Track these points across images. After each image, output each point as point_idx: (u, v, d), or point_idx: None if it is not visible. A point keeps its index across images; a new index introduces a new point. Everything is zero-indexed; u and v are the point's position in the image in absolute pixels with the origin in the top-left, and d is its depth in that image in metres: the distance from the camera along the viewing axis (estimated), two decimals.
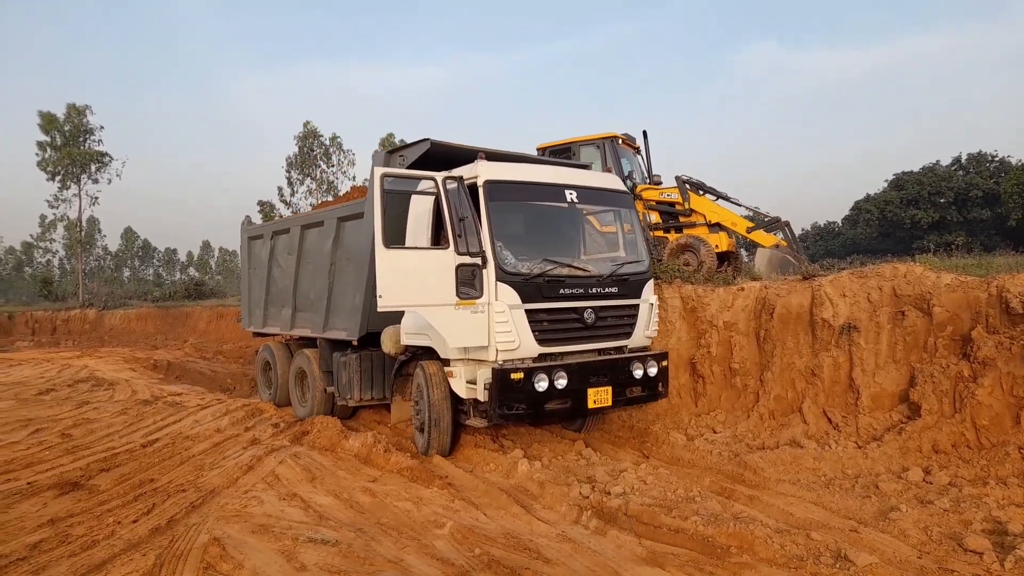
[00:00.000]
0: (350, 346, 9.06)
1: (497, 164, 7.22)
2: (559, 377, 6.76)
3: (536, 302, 6.82)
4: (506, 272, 6.70)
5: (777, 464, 6.87)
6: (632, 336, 7.57)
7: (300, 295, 10.46)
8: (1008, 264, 8.37)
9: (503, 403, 6.55)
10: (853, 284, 8.22)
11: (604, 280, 7.30)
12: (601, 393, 7.08)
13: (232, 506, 5.92)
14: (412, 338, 7.69)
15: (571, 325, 7.08)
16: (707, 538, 5.08)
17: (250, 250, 12.36)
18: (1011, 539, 4.89)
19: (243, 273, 12.83)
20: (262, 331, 12.06)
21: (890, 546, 4.95)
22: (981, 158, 41.72)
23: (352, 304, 8.80)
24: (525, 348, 6.78)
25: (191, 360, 20.51)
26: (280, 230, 11.21)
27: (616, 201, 8.07)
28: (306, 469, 7.12)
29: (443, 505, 6.05)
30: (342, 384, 9.06)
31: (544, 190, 7.38)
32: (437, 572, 4.56)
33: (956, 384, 7.03)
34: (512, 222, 7.24)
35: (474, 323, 6.66)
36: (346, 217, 9.15)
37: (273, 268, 11.34)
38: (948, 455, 6.74)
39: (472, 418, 7.12)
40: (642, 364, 7.44)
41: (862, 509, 5.73)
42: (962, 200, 39.28)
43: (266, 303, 11.65)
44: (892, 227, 41.03)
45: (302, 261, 10.33)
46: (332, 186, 50.74)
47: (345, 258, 9.14)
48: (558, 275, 6.99)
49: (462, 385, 7.01)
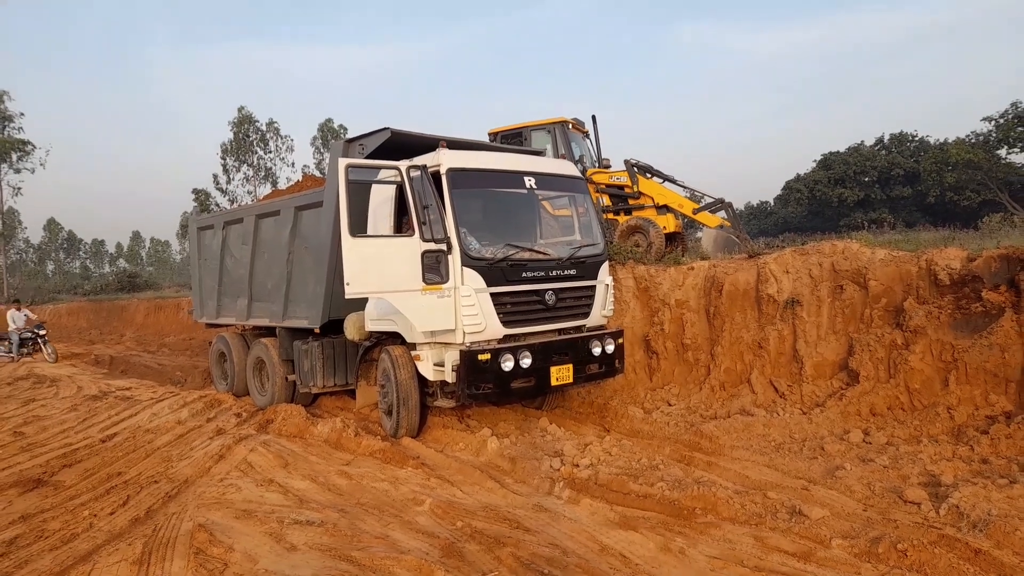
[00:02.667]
0: (311, 334, 9.10)
1: (459, 152, 7.36)
2: (524, 357, 7.02)
3: (500, 285, 7.05)
4: (471, 257, 6.90)
5: (731, 432, 7.31)
6: (590, 316, 7.88)
7: (256, 285, 10.40)
8: (935, 239, 9.04)
9: (471, 383, 6.77)
10: (795, 261, 8.73)
11: (563, 263, 7.59)
12: (563, 371, 7.37)
13: (210, 494, 5.97)
14: (377, 324, 7.83)
15: (533, 307, 7.34)
16: (674, 502, 5.44)
17: (200, 241, 12.14)
18: (944, 489, 5.39)
19: (193, 264, 12.62)
20: (215, 322, 11.91)
21: (838, 501, 5.40)
22: (902, 138, 43.78)
23: (313, 293, 8.83)
24: (491, 330, 7.00)
25: (134, 354, 19.98)
26: (232, 220, 11.09)
27: (571, 187, 8.34)
28: (278, 456, 7.18)
29: (420, 484, 6.25)
30: (304, 372, 9.09)
31: (505, 177, 7.62)
32: (425, 544, 4.77)
33: (890, 352, 7.59)
34: (474, 208, 7.42)
35: (441, 307, 6.82)
36: (304, 206, 9.13)
37: (226, 258, 11.22)
38: (885, 417, 7.30)
39: (440, 399, 7.35)
40: (600, 342, 7.73)
41: (811, 469, 6.19)
42: (885, 179, 41.21)
43: (219, 294, 11.52)
44: (821, 205, 42.73)
45: (258, 251, 10.26)
46: (270, 173, 49.68)
47: (303, 247, 9.13)
48: (520, 259, 7.24)
49: (429, 368, 7.18)
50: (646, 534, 4.89)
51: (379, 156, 7.63)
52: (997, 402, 6.87)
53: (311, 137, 50.72)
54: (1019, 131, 33.13)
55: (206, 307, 12.11)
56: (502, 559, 4.47)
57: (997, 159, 34.23)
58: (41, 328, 18.90)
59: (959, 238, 9.98)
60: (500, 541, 4.78)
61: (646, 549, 4.65)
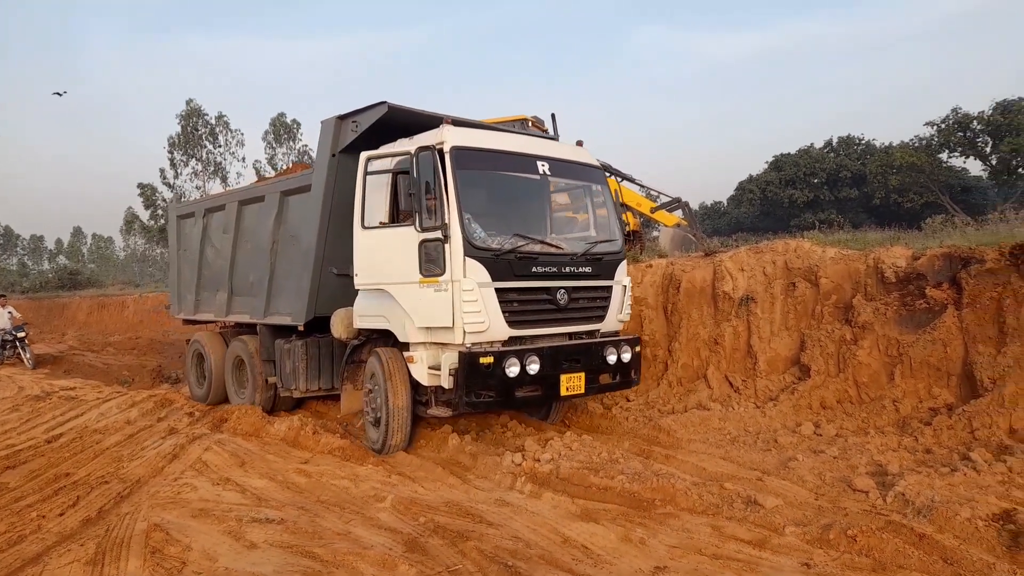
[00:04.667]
0: (295, 332, 8.43)
1: (464, 130, 6.70)
2: (531, 362, 6.31)
3: (507, 280, 6.33)
4: (475, 247, 6.17)
5: (688, 426, 7.45)
6: (605, 320, 7.18)
7: (238, 277, 9.72)
8: (882, 239, 9.36)
9: (471, 390, 6.07)
10: (750, 259, 8.95)
11: (578, 259, 6.88)
12: (574, 380, 6.67)
13: (164, 494, 5.84)
14: (367, 321, 7.11)
15: (543, 306, 6.65)
16: (633, 494, 5.52)
17: (179, 230, 11.40)
18: (891, 478, 5.60)
19: (172, 255, 11.84)
20: (194, 318, 11.18)
21: (791, 491, 5.56)
22: (850, 141, 45.07)
23: (297, 286, 8.17)
24: (494, 330, 6.30)
25: (78, 353, 19.33)
26: (214, 207, 10.40)
27: (588, 176, 7.60)
28: (234, 455, 7.06)
29: (380, 480, 6.21)
30: (285, 374, 8.42)
31: (515, 160, 6.88)
32: (387, 540, 4.75)
33: (840, 347, 7.85)
34: (480, 193, 6.73)
35: (438, 302, 6.21)
36: (290, 191, 8.48)
37: (206, 249, 10.50)
38: (834, 410, 7.54)
39: (434, 407, 6.62)
40: (616, 349, 7.01)
41: (765, 461, 6.36)
42: (833, 180, 42.36)
43: (198, 287, 10.80)
44: (772, 206, 43.73)
45: (240, 240, 9.58)
46: (220, 168, 48.63)
47: (289, 236, 8.49)
48: (531, 252, 6.54)
49: (423, 371, 6.46)
50: (607, 525, 4.96)
51: (373, 134, 7.06)
52: (940, 395, 7.16)
53: (263, 132, 49.80)
54: (959, 136, 34.51)
55: (184, 301, 11.37)
56: (466, 553, 4.49)
57: (939, 162, 35.54)
58: (21, 330, 16.63)
59: (904, 238, 10.35)
60: (463, 535, 4.79)
61: (607, 540, 4.71)
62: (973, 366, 6.98)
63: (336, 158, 7.41)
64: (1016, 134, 31.79)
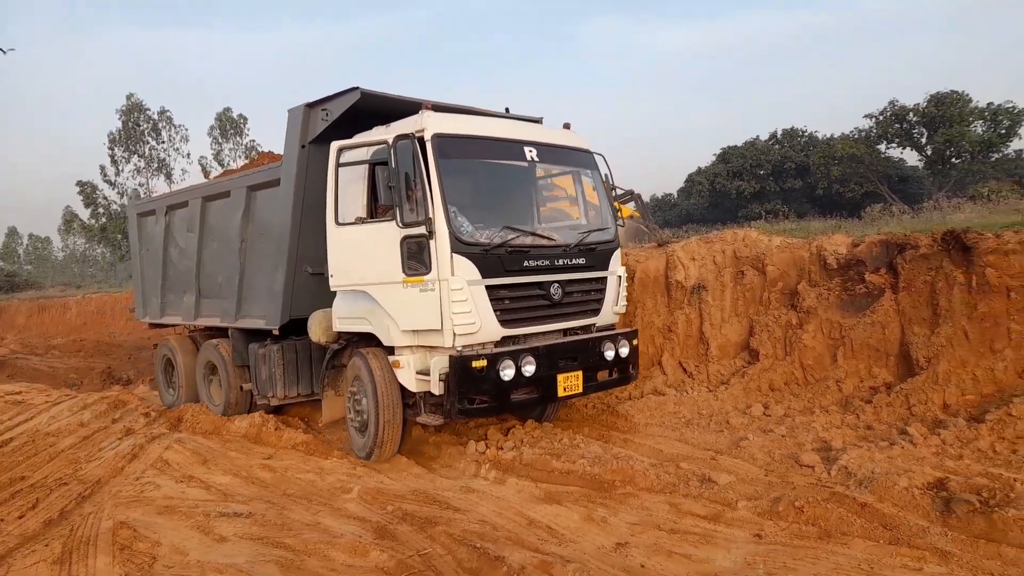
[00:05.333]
0: (269, 336, 7.90)
1: (446, 116, 6.25)
2: (527, 363, 5.96)
3: (498, 277, 5.95)
4: (463, 242, 5.78)
5: (644, 411, 7.72)
6: (600, 313, 6.88)
7: (205, 279, 9.17)
8: (824, 228, 9.79)
9: (463, 396, 5.70)
10: (701, 249, 9.26)
11: (571, 250, 6.54)
12: (571, 379, 6.35)
13: (127, 493, 5.80)
14: (347, 323, 6.66)
15: (536, 303, 6.28)
16: (594, 476, 5.73)
17: (141, 229, 10.80)
18: (834, 453, 5.93)
19: (134, 256, 11.22)
20: (160, 322, 10.60)
21: (743, 468, 5.84)
22: (794, 133, 46.35)
23: (270, 287, 7.71)
24: (486, 331, 5.92)
25: (20, 357, 18.69)
26: (176, 204, 9.83)
27: (577, 161, 7.18)
28: (195, 453, 7.03)
29: (346, 473, 6.28)
30: (261, 380, 7.88)
31: (500, 146, 6.48)
32: (357, 528, 4.84)
33: (786, 331, 8.21)
34: (465, 184, 6.35)
35: (424, 303, 5.82)
36: (257, 186, 8.00)
37: (170, 248, 9.94)
38: (782, 391, 7.90)
39: (424, 414, 6.17)
40: (613, 344, 6.72)
41: (718, 441, 6.65)
42: (778, 171, 43.56)
43: (163, 289, 10.22)
44: (720, 197, 44.74)
45: (205, 239, 9.05)
46: (164, 164, 47.44)
47: (259, 233, 8.01)
48: (522, 245, 6.16)
49: (411, 377, 6.04)
50: (570, 507, 5.15)
51: (345, 123, 6.67)
52: (879, 374, 7.57)
53: (208, 127, 48.72)
54: (896, 128, 35.89)
55: (149, 305, 10.73)
56: (435, 537, 4.62)
57: (877, 154, 36.92)
58: None
59: (845, 227, 10.83)
60: (432, 521, 4.92)
61: (571, 520, 4.90)
62: (909, 346, 7.40)
63: (306, 149, 7.02)
64: (949, 126, 33.23)
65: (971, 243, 7.19)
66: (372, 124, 6.50)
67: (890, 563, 4.07)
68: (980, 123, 33.71)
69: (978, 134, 33.23)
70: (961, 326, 7.11)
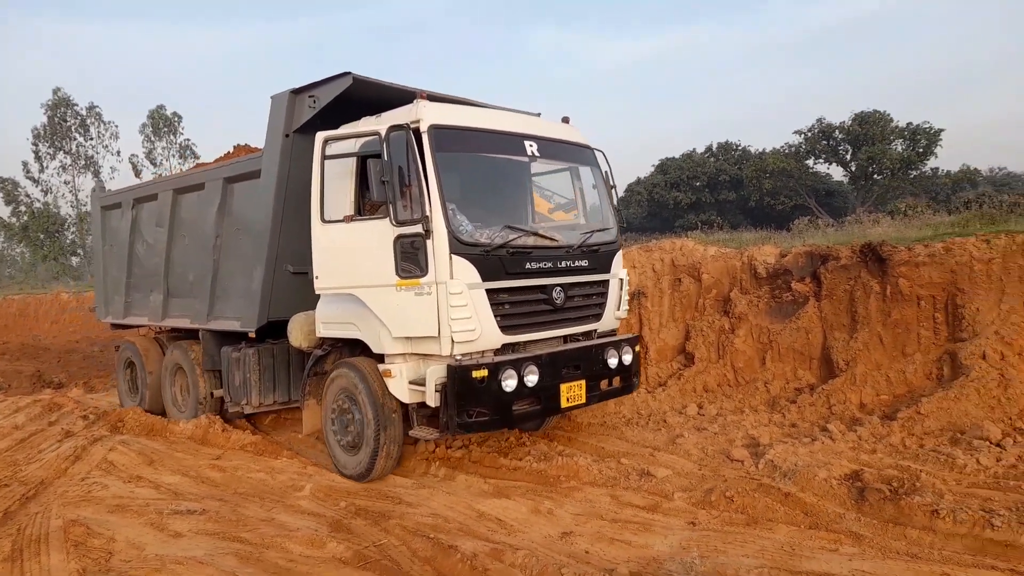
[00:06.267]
0: (244, 338, 7.43)
1: (443, 106, 5.90)
2: (529, 372, 5.58)
3: (498, 280, 5.56)
4: (462, 243, 5.38)
5: (586, 412, 8.01)
6: (602, 318, 6.56)
7: (174, 277, 8.68)
8: (755, 238, 10.38)
9: (463, 409, 5.28)
10: (641, 257, 9.70)
11: (574, 251, 6.18)
12: (575, 388, 5.99)
13: (74, 493, 5.78)
14: (333, 329, 6.22)
15: (538, 307, 5.90)
16: (541, 472, 6.02)
17: (105, 223, 10.22)
18: (762, 448, 6.37)
19: (96, 252, 10.66)
20: (124, 322, 10.04)
21: (679, 463, 6.22)
22: (728, 147, 48.08)
23: (247, 287, 7.21)
24: (486, 338, 5.51)
25: None
26: (144, 197, 9.27)
27: (577, 157, 6.85)
28: (141, 454, 7.01)
29: (296, 472, 6.40)
30: (235, 386, 7.36)
31: (500, 140, 6.08)
32: (312, 523, 4.99)
33: (720, 336, 8.70)
34: (463, 179, 5.98)
35: (418, 308, 5.40)
36: (235, 177, 7.52)
37: (136, 244, 9.40)
38: (715, 392, 8.36)
39: (418, 428, 5.71)
40: (616, 351, 6.39)
41: (656, 439, 7.03)
42: (713, 183, 45.09)
43: (128, 288, 9.66)
44: (659, 207, 46.00)
45: (176, 234, 8.56)
46: (92, 161, 45.86)
47: (235, 229, 7.56)
48: (523, 246, 5.77)
49: (403, 387, 5.61)
50: (518, 500, 5.42)
51: (333, 110, 6.29)
52: (803, 376, 8.12)
53: (140, 124, 47.33)
54: (823, 144, 37.73)
55: (112, 304, 10.15)
56: (389, 530, 4.81)
57: (806, 168, 38.76)
58: None
59: (774, 238, 11.48)
60: (385, 515, 5.11)
61: (519, 512, 5.17)
62: (830, 350, 7.97)
63: (291, 139, 6.58)
64: (872, 144, 35.14)
65: (886, 255, 7.80)
66: (359, 114, 6.12)
67: (810, 545, 4.47)
68: (900, 142, 35.79)
69: (898, 152, 35.26)
70: (876, 332, 7.71)
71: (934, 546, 4.36)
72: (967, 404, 6.68)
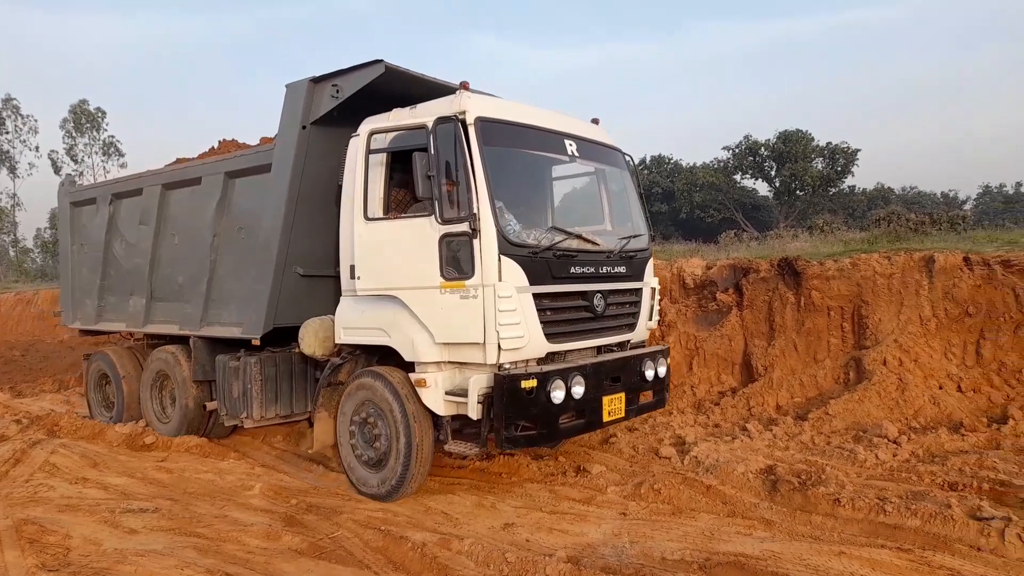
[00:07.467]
0: (244, 346, 6.89)
1: (487, 98, 5.60)
2: (576, 383, 5.27)
3: (544, 284, 5.23)
4: (511, 243, 5.04)
5: None
6: (636, 328, 6.32)
7: (160, 279, 7.98)
8: (684, 251, 11.03)
9: (511, 422, 4.95)
10: None
11: (614, 257, 5.91)
12: (615, 402, 5.69)
13: (19, 494, 5.79)
14: (358, 335, 5.76)
15: (579, 314, 5.62)
16: (484, 469, 6.39)
17: (74, 220, 9.45)
18: (688, 446, 6.89)
19: (64, 252, 9.77)
20: (95, 328, 9.24)
21: (612, 460, 6.67)
22: (661, 160, 49.62)
23: (251, 290, 6.67)
24: (533, 346, 5.16)
25: None
26: (125, 192, 8.52)
27: (611, 159, 6.59)
28: (84, 456, 7.01)
29: (245, 472, 6.56)
30: (232, 398, 6.80)
31: (543, 137, 5.78)
32: (266, 519, 5.20)
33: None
34: (509, 177, 5.61)
35: (463, 312, 5.04)
36: (239, 172, 6.99)
37: (114, 243, 8.67)
38: None
39: (453, 442, 5.34)
40: (652, 363, 6.14)
41: (591, 439, 7.44)
42: (647, 196, 46.42)
43: (102, 290, 8.87)
44: None
45: (164, 233, 7.90)
46: (8, 156, 43.92)
47: (237, 228, 7.03)
48: (568, 249, 5.47)
49: (439, 398, 5.22)
50: (463, 495, 5.76)
51: (356, 102, 5.89)
52: (726, 380, 8.74)
53: (61, 119, 45.57)
54: (749, 160, 39.44)
55: (81, 308, 9.33)
56: (341, 523, 5.07)
57: (733, 183, 40.42)
58: None
59: (702, 250, 12.20)
60: (336, 511, 5.36)
61: (464, 506, 5.51)
62: (751, 356, 8.62)
63: (307, 131, 6.13)
64: (794, 161, 36.97)
65: (800, 269, 8.51)
66: (378, 108, 5.76)
67: (727, 531, 4.96)
68: (820, 160, 37.78)
69: (818, 170, 37.20)
70: (792, 339, 8.40)
71: (834, 529, 4.91)
72: (869, 405, 7.41)
